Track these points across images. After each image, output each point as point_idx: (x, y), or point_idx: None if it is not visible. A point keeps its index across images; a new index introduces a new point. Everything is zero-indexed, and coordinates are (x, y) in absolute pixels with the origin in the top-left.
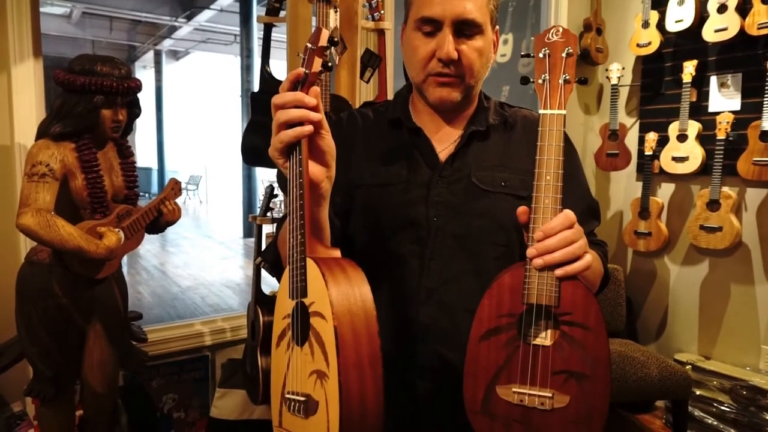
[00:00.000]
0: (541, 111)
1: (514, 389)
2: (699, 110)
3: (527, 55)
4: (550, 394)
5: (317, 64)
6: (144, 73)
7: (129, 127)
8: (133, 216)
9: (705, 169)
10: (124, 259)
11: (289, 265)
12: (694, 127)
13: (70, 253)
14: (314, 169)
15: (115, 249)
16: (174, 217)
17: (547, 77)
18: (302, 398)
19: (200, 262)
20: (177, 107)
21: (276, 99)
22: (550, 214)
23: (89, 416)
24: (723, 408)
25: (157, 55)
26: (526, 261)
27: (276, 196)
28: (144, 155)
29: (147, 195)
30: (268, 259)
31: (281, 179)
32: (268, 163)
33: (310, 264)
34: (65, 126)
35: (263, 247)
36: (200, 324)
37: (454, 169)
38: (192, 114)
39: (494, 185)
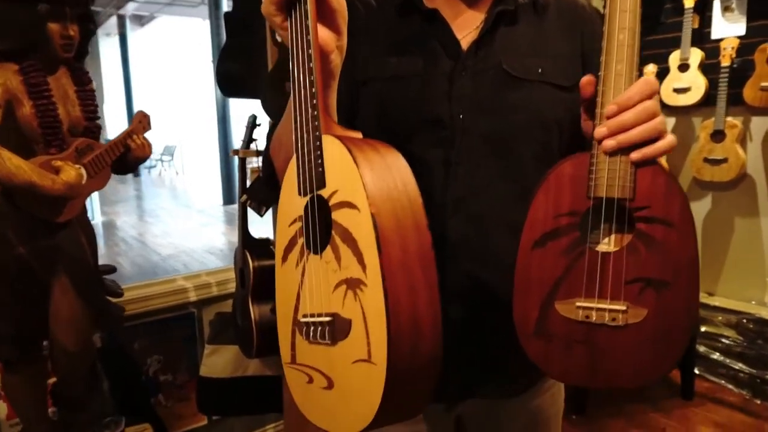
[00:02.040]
0: None
1: (578, 303)
2: (701, 38)
3: None
4: (624, 307)
5: None
6: (108, 41)
7: (84, 48)
8: (95, 151)
9: (708, 100)
10: (99, 230)
11: (296, 153)
12: (696, 56)
13: (20, 190)
14: (323, 33)
15: (74, 185)
16: (144, 153)
17: None
18: (326, 318)
19: (180, 231)
20: (146, 76)
21: None
22: (624, 83)
23: (63, 380)
24: (728, 342)
25: (121, 20)
26: (593, 145)
27: (259, 125)
28: (114, 127)
29: None
30: (256, 196)
31: (271, 108)
32: (248, 93)
33: (330, 142)
34: (5, 44)
35: (248, 184)
36: (183, 279)
37: (479, 57)
38: (163, 83)
39: (529, 73)
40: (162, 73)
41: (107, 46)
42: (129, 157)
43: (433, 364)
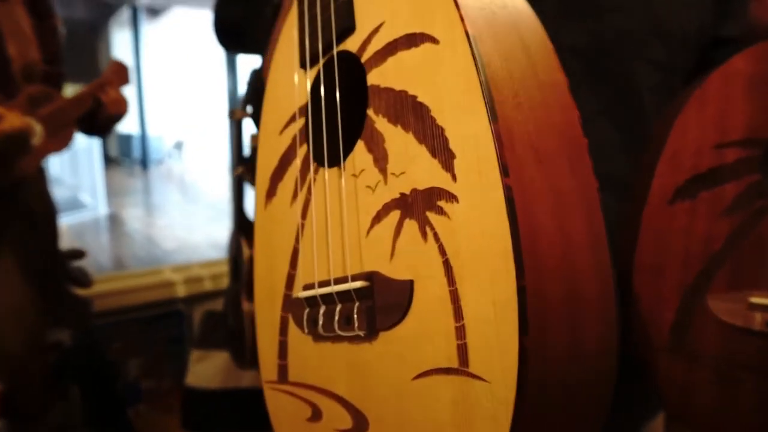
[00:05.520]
0: None
1: (752, 300)
2: None
3: None
4: None
5: None
6: (120, 34)
7: None
8: (55, 103)
9: None
10: (103, 223)
11: None
12: None
13: None
14: None
15: (15, 137)
16: (119, 109)
17: None
18: (356, 285)
19: (186, 225)
20: (160, 70)
21: None
22: None
23: (10, 389)
24: None
25: (134, 12)
26: None
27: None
28: (123, 123)
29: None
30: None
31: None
32: (250, 46)
33: None
34: None
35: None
36: (171, 271)
37: None
38: (175, 77)
39: None
40: (175, 66)
41: (120, 39)
42: (101, 114)
43: (605, 377)
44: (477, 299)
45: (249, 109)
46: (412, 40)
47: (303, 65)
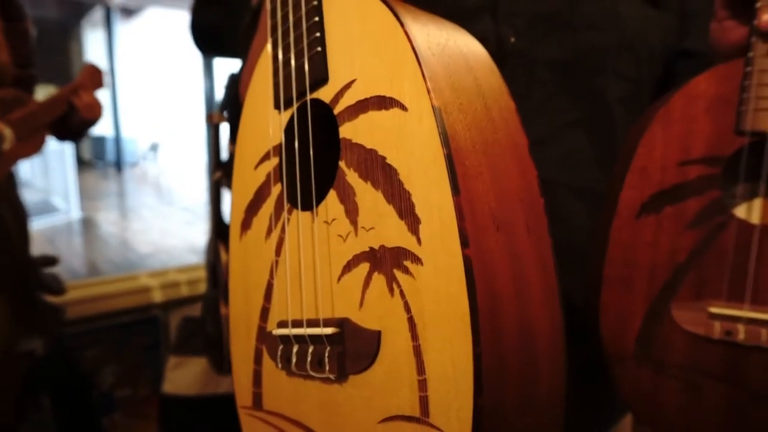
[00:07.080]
0: None
1: (712, 310)
2: None
3: None
4: None
5: None
6: (93, 34)
7: None
8: (27, 107)
9: None
10: (77, 227)
11: (271, 35)
12: None
13: None
14: None
15: None
16: (93, 114)
17: None
18: (327, 330)
19: (162, 229)
20: (134, 71)
21: None
22: None
23: None
24: None
25: (107, 12)
26: (750, 47)
27: None
28: (97, 127)
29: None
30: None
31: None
32: (228, 50)
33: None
34: None
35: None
36: (147, 277)
37: None
38: (150, 78)
39: None
40: (149, 67)
41: (92, 39)
42: (74, 118)
43: (554, 424)
44: (438, 357)
45: (226, 113)
46: (383, 102)
47: (277, 106)
